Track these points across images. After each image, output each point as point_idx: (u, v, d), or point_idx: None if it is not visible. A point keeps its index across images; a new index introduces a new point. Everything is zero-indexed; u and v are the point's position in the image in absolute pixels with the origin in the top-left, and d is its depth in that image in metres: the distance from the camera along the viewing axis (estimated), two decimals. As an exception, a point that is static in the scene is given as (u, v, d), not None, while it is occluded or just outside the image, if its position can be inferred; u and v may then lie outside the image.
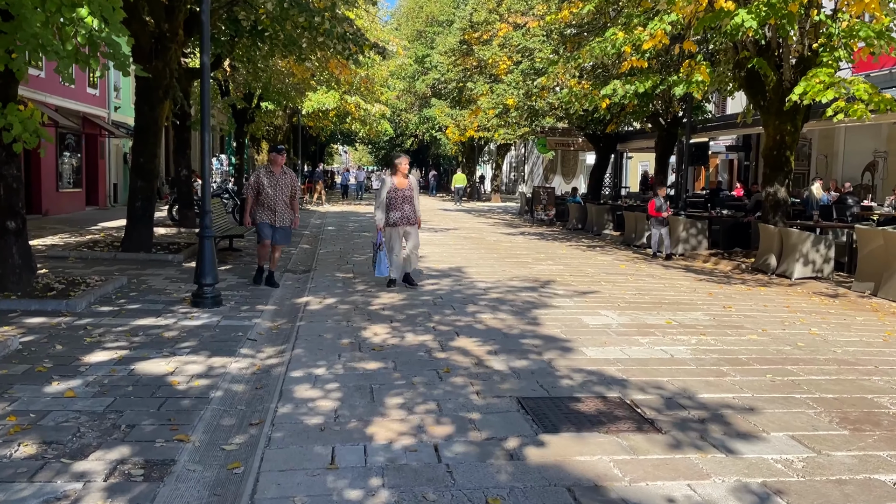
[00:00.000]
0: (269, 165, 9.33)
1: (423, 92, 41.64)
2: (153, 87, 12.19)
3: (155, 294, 8.59)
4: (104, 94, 24.86)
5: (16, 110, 7.51)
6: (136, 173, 12.25)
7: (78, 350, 5.86)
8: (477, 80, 23.38)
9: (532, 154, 53.47)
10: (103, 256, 11.57)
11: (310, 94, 26.37)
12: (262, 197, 9.15)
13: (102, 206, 24.39)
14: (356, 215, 25.80)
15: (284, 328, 7.12)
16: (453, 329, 6.99)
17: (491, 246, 15.44)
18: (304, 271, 11.25)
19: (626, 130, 23.21)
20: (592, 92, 13.30)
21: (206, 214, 8.13)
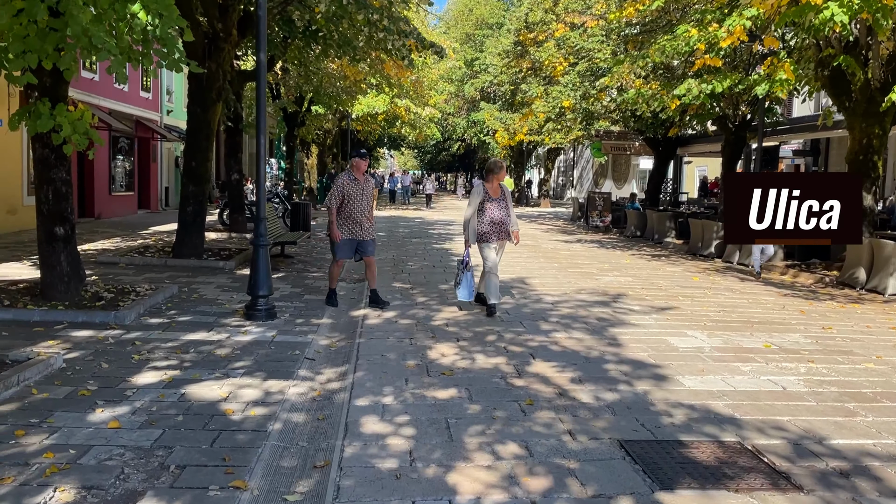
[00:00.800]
0: (351, 171, 8.30)
1: (471, 95, 41.15)
2: (206, 88, 11.87)
3: (206, 304, 8.16)
4: (157, 98, 24.94)
5: (65, 111, 7.16)
6: (188, 177, 11.93)
7: (125, 370, 5.40)
8: (531, 82, 22.70)
9: (582, 158, 52.44)
10: (154, 262, 11.26)
11: (360, 97, 26.07)
12: (346, 208, 8.12)
13: (154, 209, 24.44)
14: (405, 220, 25.35)
15: (343, 346, 6.58)
16: (527, 350, 6.36)
17: (549, 254, 14.75)
18: (359, 280, 10.74)
19: (687, 134, 22.23)
20: (661, 92, 12.52)
21: (260, 221, 7.66)
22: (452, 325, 7.42)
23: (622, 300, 9.11)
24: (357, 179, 8.23)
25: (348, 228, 8.20)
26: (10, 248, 12.75)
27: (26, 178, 16.26)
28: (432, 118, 31.29)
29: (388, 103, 27.18)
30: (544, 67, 20.39)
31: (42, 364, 5.15)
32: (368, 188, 8.36)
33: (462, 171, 68.50)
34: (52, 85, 7.67)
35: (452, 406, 4.80)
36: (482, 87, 38.87)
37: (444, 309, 8.32)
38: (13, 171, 15.77)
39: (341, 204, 8.15)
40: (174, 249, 11.90)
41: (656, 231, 18.90)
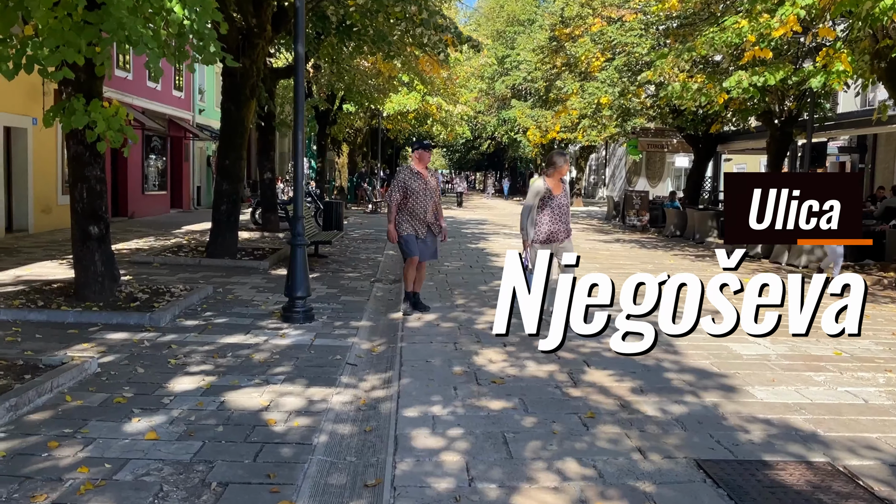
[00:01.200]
0: (413, 165, 7.71)
1: (502, 93, 40.74)
2: (240, 85, 11.69)
3: (242, 306, 7.93)
4: (189, 97, 24.97)
5: (100, 107, 6.98)
6: (222, 176, 11.76)
7: (161, 375, 5.17)
8: (566, 78, 22.26)
9: (614, 156, 51.72)
10: (188, 262, 11.10)
11: (391, 95, 25.84)
12: (409, 204, 7.51)
13: (186, 208, 24.48)
14: (437, 219, 25.03)
15: (385, 351, 6.29)
16: (579, 357, 6.00)
17: (589, 254, 14.34)
18: (395, 281, 10.47)
19: (728, 130, 21.60)
20: (707, 86, 12.04)
21: (298, 220, 7.40)
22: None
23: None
24: (419, 173, 7.59)
25: (411, 226, 7.56)
26: (44, 248, 12.71)
27: (60, 177, 16.29)
28: (464, 116, 30.92)
29: (420, 101, 26.91)
30: (580, 63, 19.94)
31: (76, 369, 4.93)
32: (432, 183, 7.70)
33: (491, 170, 68.09)
34: (87, 81, 7.51)
35: (507, 418, 4.48)
36: (513, 84, 38.44)
37: (486, 311, 7.99)
38: (47, 169, 15.79)
39: (402, 200, 7.55)
40: (208, 249, 11.74)
41: (697, 231, 18.35)
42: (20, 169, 14.84)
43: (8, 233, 14.26)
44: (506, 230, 20.42)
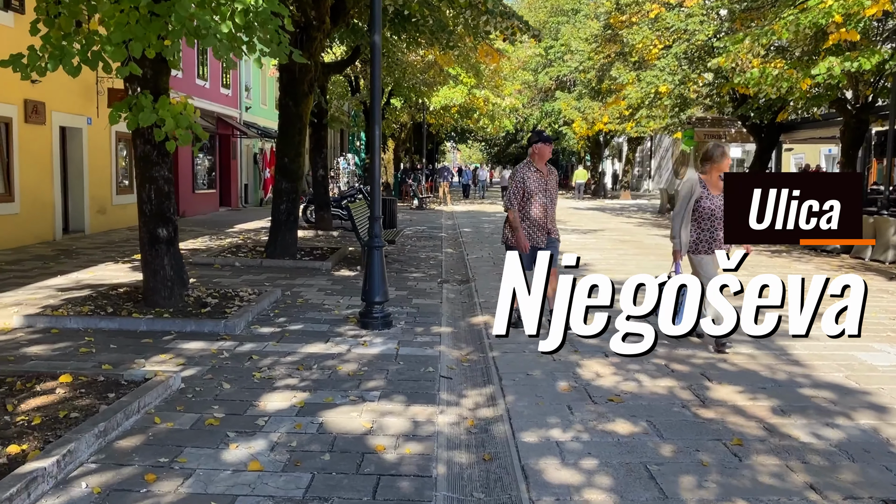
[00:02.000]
0: (531, 161, 6.63)
1: (546, 85, 39.99)
2: (298, 80, 11.35)
3: (314, 311, 7.56)
4: (236, 94, 24.86)
5: (168, 104, 6.65)
6: (281, 173, 11.44)
7: (249, 391, 4.79)
8: (619, 67, 21.53)
9: (660, 148, 50.57)
10: (249, 263, 10.80)
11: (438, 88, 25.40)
12: (526, 208, 6.59)
13: (234, 206, 24.39)
14: (486, 215, 24.55)
15: (476, 360, 5.85)
16: (695, 369, 5.48)
17: (654, 251, 13.71)
18: (463, 281, 10.02)
19: (793, 119, 20.67)
20: (788, 71, 11.32)
21: (375, 220, 6.98)
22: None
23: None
24: (539, 171, 6.60)
25: (528, 233, 6.63)
26: (103, 249, 12.56)
27: (115, 178, 16.21)
28: (513, 108, 30.32)
29: (466, 94, 26.39)
30: (636, 51, 19.21)
31: (161, 386, 4.58)
32: (553, 182, 6.74)
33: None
34: (153, 77, 7.20)
35: (642, 446, 3.99)
36: (558, 75, 37.69)
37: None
38: (103, 169, 15.70)
39: (523, 202, 6.61)
40: (267, 249, 11.44)
41: (763, 224, 17.52)
42: (76, 170, 14.75)
43: (65, 234, 14.18)
44: (561, 225, 19.76)
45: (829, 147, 29.25)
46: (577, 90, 34.71)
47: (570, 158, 55.12)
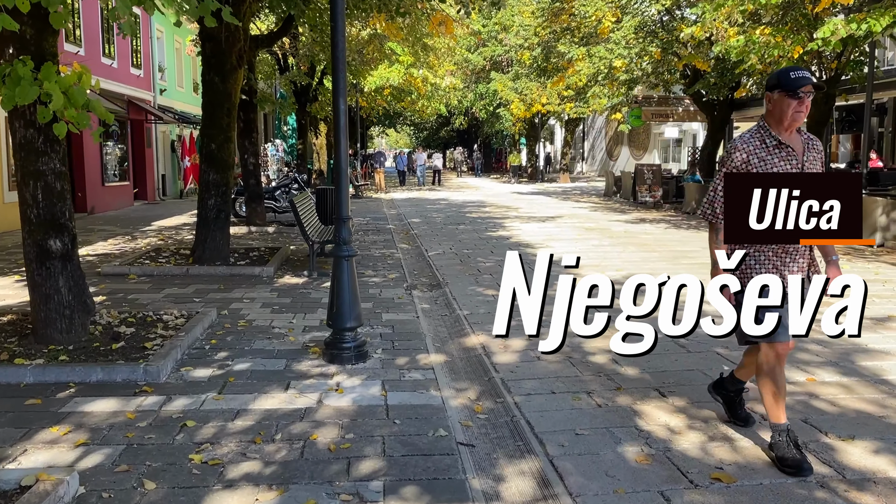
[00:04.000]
0: (766, 125, 3.55)
1: (479, 66, 38.59)
2: (225, 51, 9.54)
3: (262, 336, 5.93)
4: (149, 75, 22.44)
5: (55, 73, 4.90)
6: (209, 163, 9.62)
7: (185, 495, 3.19)
8: (567, 42, 20.33)
9: (592, 129, 50.13)
10: (173, 272, 8.99)
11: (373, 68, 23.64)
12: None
13: (151, 200, 22.06)
14: (431, 202, 23.05)
15: (494, 409, 4.39)
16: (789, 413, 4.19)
17: (630, 240, 12.55)
18: (433, 286, 8.54)
19: (743, 97, 19.99)
20: (776, 38, 10.28)
21: (343, 223, 5.40)
22: (625, 363, 5.22)
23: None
24: (783, 146, 3.49)
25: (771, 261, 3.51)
26: (-10, 258, 10.44)
27: (6, 170, 13.89)
28: (455, 88, 28.79)
29: (403, 74, 24.74)
30: (589, 23, 18.03)
31: (47, 500, 2.92)
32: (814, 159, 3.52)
33: (463, 147, 65.98)
34: (35, 37, 5.37)
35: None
36: (492, 56, 36.37)
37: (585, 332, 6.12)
38: (-10, 162, 13.39)
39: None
40: (194, 252, 9.64)
41: (726, 206, 16.70)
42: (-45, 162, 12.44)
43: (-56, 239, 11.90)
44: (514, 213, 18.54)
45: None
46: (514, 70, 33.49)
47: (503, 142, 54.08)
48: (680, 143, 37.21)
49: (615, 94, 20.50)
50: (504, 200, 23.55)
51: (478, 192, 29.72)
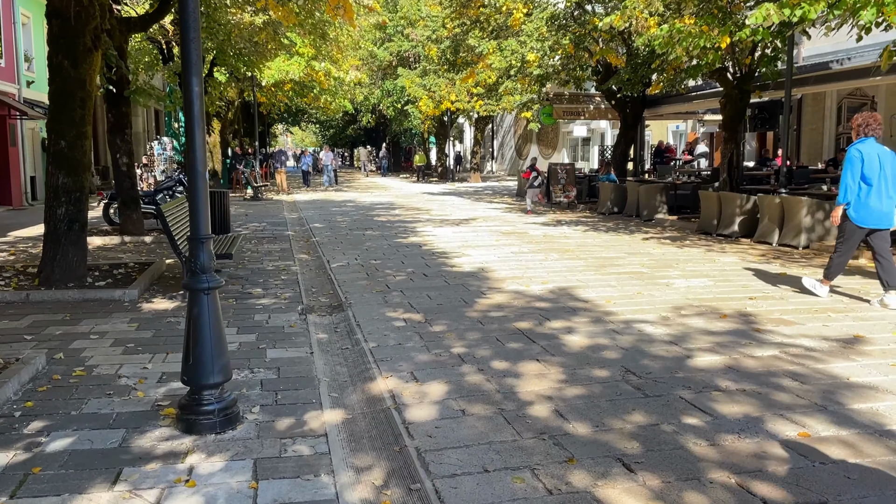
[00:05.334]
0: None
1: (386, 61, 37.27)
2: (76, 29, 7.91)
3: (101, 393, 4.49)
4: (12, 65, 19.91)
5: None
6: (58, 164, 7.94)
7: None
8: (477, 34, 19.34)
9: (501, 127, 49.75)
10: (8, 298, 7.28)
11: (270, 61, 21.94)
12: None
13: (17, 205, 19.57)
14: (336, 205, 21.58)
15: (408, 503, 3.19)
16: (779, 476, 3.19)
17: (551, 245, 11.63)
18: (334, 308, 7.25)
19: (655, 94, 19.62)
20: (702, 28, 9.58)
21: (200, 244, 4.02)
22: (568, 411, 4.13)
23: (763, 325, 6.10)
24: None
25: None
26: None
27: None
28: (360, 82, 27.33)
29: (304, 67, 23.14)
30: (500, 15, 17.09)
31: None
32: None
33: (371, 145, 64.40)
34: None
35: None
36: (398, 51, 35.16)
37: (520, 366, 5.01)
38: None
39: None
40: (41, 272, 7.95)
41: (644, 206, 16.18)
42: None
43: None
44: (425, 215, 17.39)
45: (676, 124, 29.24)
46: (422, 66, 32.38)
47: (412, 140, 52.93)
48: (588, 142, 37.18)
49: (528, 91, 19.70)
50: (414, 202, 22.38)
51: (387, 192, 28.44)
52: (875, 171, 6.64)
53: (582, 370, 4.94)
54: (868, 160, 6.65)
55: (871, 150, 6.69)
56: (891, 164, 6.68)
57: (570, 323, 6.27)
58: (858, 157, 6.67)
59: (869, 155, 6.66)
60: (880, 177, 6.65)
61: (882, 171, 6.64)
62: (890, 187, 6.67)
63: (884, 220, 6.71)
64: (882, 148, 6.74)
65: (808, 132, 21.03)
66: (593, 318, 6.44)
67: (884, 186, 6.66)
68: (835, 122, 20.77)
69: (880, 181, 6.64)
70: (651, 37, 10.46)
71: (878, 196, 6.66)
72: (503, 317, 6.54)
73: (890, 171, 6.66)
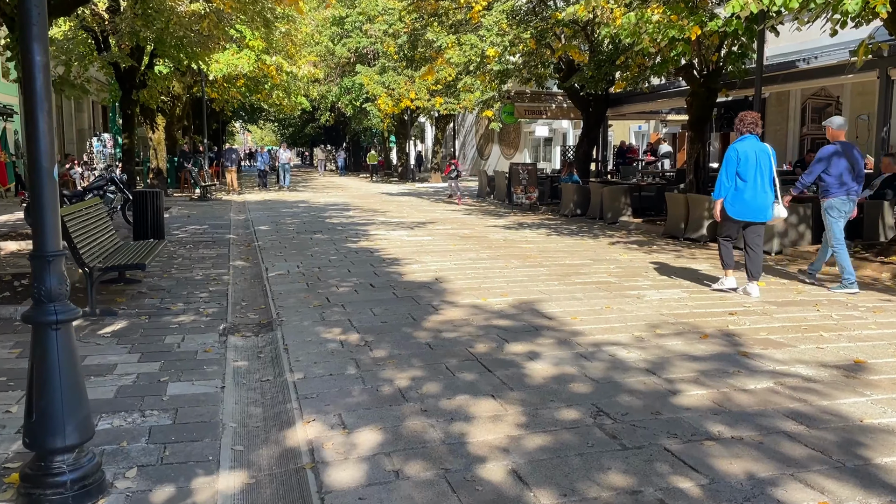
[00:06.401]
0: None
1: (344, 58, 36.16)
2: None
3: (-68, 455, 3.50)
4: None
5: None
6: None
7: None
8: (436, 28, 18.49)
9: (463, 127, 49.00)
10: None
11: (217, 53, 20.77)
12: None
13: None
14: (287, 206, 20.51)
15: None
16: None
17: (511, 251, 10.82)
18: (263, 327, 6.31)
19: (619, 93, 19.01)
20: (671, 17, 8.86)
21: (45, 265, 3.06)
22: (533, 472, 3.28)
23: (749, 347, 5.34)
24: None
25: None
26: None
27: None
28: (314, 78, 26.21)
29: (255, 62, 22.01)
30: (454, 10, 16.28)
31: None
32: None
33: (330, 144, 63.08)
34: None
35: None
36: (356, 47, 34.10)
37: (473, 406, 4.15)
38: None
39: None
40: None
41: (608, 209, 15.50)
42: None
43: None
44: (380, 217, 16.47)
45: (638, 124, 28.79)
46: (381, 63, 31.40)
47: (373, 139, 51.83)
48: (550, 142, 36.64)
49: (488, 88, 18.91)
50: (371, 202, 21.42)
51: (343, 192, 27.41)
52: (751, 167, 7.03)
53: (546, 410, 4.10)
54: (744, 157, 7.05)
55: (749, 147, 7.07)
56: (767, 160, 7.09)
57: (532, 346, 5.43)
58: (734, 155, 7.08)
59: (746, 152, 7.06)
60: (756, 173, 7.05)
61: (759, 167, 7.03)
62: (766, 182, 7.08)
63: (758, 214, 7.12)
64: (760, 145, 7.12)
65: (773, 132, 20.64)
66: (558, 339, 5.62)
67: (759, 182, 7.05)
68: (799, 123, 20.44)
69: (756, 177, 7.04)
70: (617, 27, 9.71)
71: (754, 191, 7.06)
72: (456, 338, 5.68)
73: (767, 167, 7.06)
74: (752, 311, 6.55)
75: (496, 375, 4.73)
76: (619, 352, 5.24)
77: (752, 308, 6.69)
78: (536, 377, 4.69)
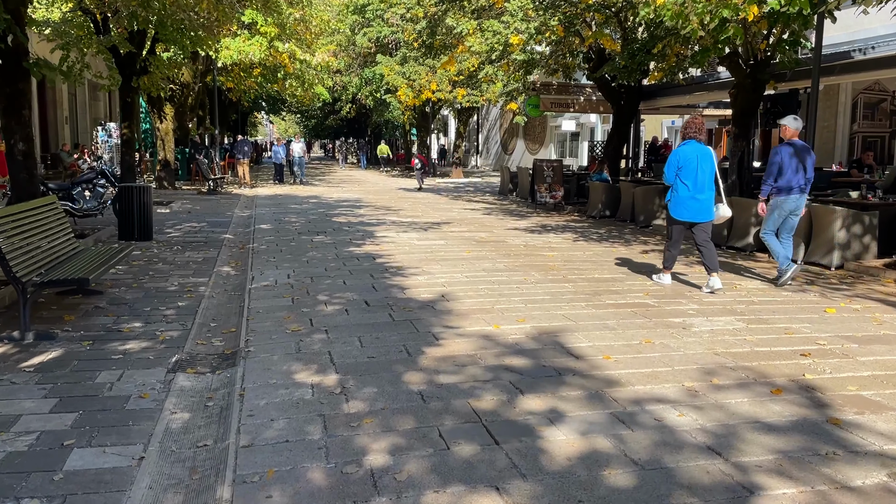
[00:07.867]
0: None
1: (365, 49, 35.02)
2: None
3: None
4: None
5: None
6: None
7: None
8: (457, 14, 17.27)
9: (487, 120, 47.68)
10: None
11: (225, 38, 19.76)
12: None
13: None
14: (297, 202, 19.44)
15: None
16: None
17: (532, 261, 9.58)
18: (225, 361, 5.17)
19: (652, 84, 17.64)
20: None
21: None
22: None
23: (839, 409, 4.09)
24: None
25: None
26: None
27: None
28: (327, 66, 25.10)
29: (267, 49, 20.95)
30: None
31: None
32: None
33: (352, 136, 62.09)
34: None
35: None
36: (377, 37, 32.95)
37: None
38: None
39: None
40: None
41: (640, 211, 14.19)
42: None
43: None
44: (392, 216, 15.31)
45: (672, 119, 27.29)
46: (402, 52, 30.21)
47: (395, 132, 50.69)
48: (577, 137, 35.22)
49: (512, 79, 17.63)
50: (385, 199, 20.28)
51: (359, 187, 26.32)
52: (692, 170, 7.34)
53: (570, 516, 2.90)
54: (685, 162, 7.37)
55: (691, 151, 7.37)
56: (708, 162, 7.38)
57: (553, 400, 4.23)
58: (675, 161, 7.42)
59: (687, 157, 7.37)
60: (697, 176, 7.34)
61: (700, 169, 7.32)
62: (707, 184, 7.37)
63: (701, 215, 7.40)
64: (702, 148, 7.40)
65: (821, 130, 19.10)
66: (588, 390, 4.40)
67: (700, 184, 7.35)
68: (849, 120, 18.89)
69: (697, 179, 7.34)
70: (658, 7, 8.41)
71: (695, 193, 7.36)
72: (456, 385, 4.49)
73: (709, 169, 7.36)
74: (830, 352, 5.27)
75: (504, 450, 3.53)
76: (668, 413, 4.01)
77: (829, 348, 5.40)
78: (558, 456, 3.48)
